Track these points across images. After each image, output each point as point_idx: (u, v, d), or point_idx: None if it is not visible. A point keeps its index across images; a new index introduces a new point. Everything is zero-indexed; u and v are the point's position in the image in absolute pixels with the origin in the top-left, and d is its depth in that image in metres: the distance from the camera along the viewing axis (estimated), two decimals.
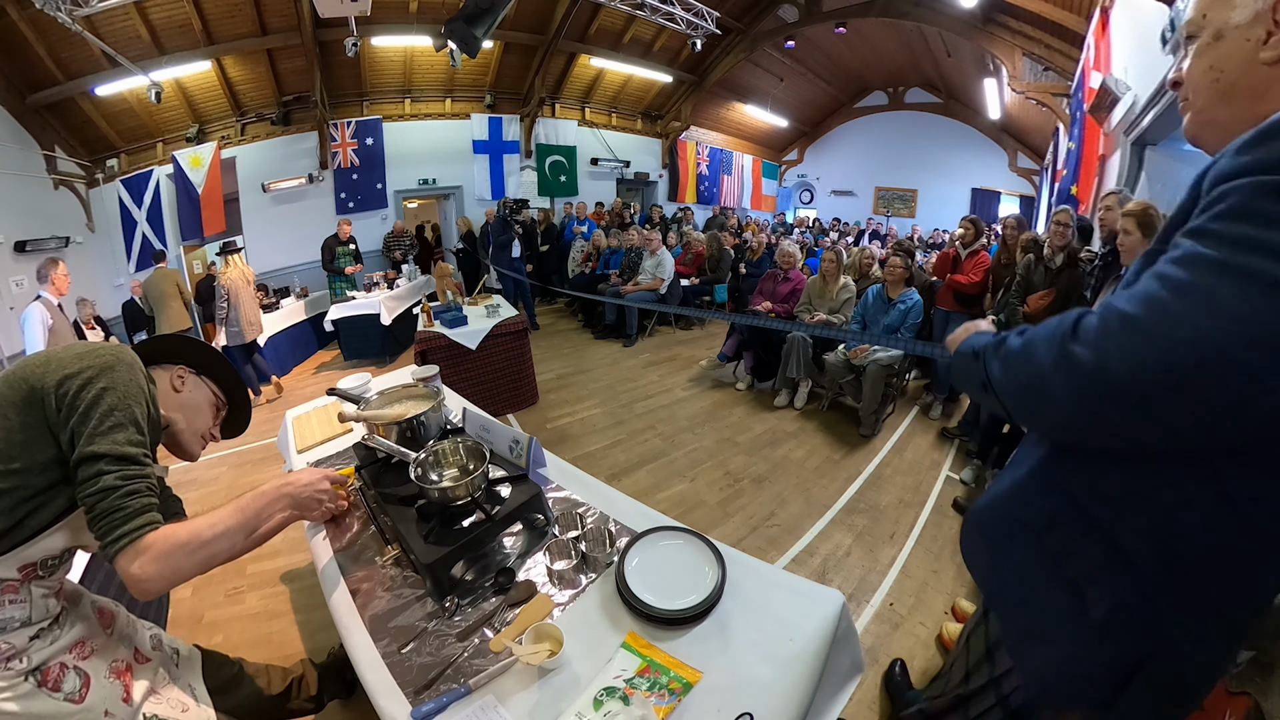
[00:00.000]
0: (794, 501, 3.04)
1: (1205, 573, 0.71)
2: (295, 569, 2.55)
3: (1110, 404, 0.63)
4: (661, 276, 6.15)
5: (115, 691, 1.06)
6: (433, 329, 4.08)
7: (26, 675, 0.94)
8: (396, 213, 8.59)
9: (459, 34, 4.97)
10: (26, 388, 0.93)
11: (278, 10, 6.25)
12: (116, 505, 0.90)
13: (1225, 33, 0.70)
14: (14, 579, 0.95)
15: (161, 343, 1.28)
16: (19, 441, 0.91)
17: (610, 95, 10.32)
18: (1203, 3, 0.73)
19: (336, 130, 7.81)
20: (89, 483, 0.90)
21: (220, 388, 1.34)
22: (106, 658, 1.10)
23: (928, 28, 8.23)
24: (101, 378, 0.95)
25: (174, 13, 5.79)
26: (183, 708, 1.21)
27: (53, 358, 0.98)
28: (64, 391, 0.93)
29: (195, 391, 1.26)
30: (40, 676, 0.96)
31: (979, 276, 3.89)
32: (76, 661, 1.03)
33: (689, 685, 0.98)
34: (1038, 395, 0.71)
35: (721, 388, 4.80)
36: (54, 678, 0.98)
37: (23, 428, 0.91)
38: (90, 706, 1.01)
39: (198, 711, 1.25)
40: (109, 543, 0.90)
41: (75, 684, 1.00)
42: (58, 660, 1.00)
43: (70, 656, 1.03)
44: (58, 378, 0.94)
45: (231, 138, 7.23)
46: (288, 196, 7.69)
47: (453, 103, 8.75)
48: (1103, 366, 0.63)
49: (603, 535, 1.33)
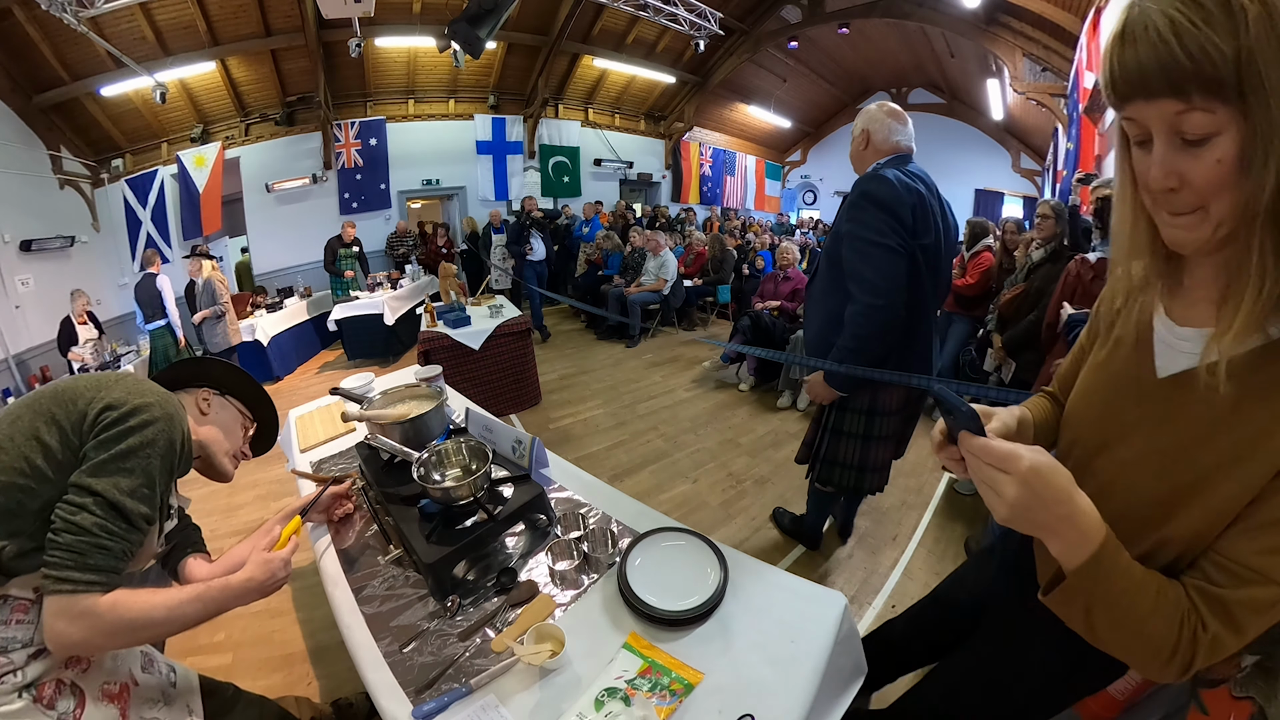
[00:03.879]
0: (797, 503, 3.03)
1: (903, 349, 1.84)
2: (297, 568, 2.53)
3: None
4: (664, 278, 6.15)
5: (109, 713, 1.01)
6: (436, 329, 4.09)
7: (20, 691, 0.90)
8: (400, 213, 8.60)
9: (462, 35, 4.98)
10: (76, 410, 0.92)
11: (282, 11, 6.27)
12: (80, 548, 0.86)
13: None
14: (27, 598, 0.92)
15: (184, 367, 1.27)
16: (58, 462, 0.90)
17: (614, 96, 10.33)
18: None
19: (340, 131, 7.83)
20: (70, 509, 0.87)
21: (246, 405, 1.33)
22: (99, 678, 1.04)
23: (930, 28, 8.21)
24: (138, 417, 0.94)
25: (179, 14, 5.82)
26: None
27: (105, 382, 0.97)
28: (103, 419, 0.92)
29: (222, 412, 1.26)
30: (35, 692, 0.92)
31: (977, 278, 3.89)
32: (73, 677, 0.98)
33: (690, 686, 0.98)
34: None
35: (724, 389, 4.80)
36: (49, 695, 0.93)
37: (63, 448, 0.91)
38: None
39: None
40: (54, 578, 0.85)
41: (69, 705, 0.95)
42: (53, 676, 0.95)
43: (67, 672, 0.98)
44: (104, 403, 0.93)
45: (236, 138, 7.26)
46: (291, 197, 7.72)
47: (456, 103, 8.76)
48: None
49: (605, 536, 1.33)
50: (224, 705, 1.34)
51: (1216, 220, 0.55)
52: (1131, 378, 0.72)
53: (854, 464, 2.02)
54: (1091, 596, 0.61)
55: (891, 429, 2.00)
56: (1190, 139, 0.53)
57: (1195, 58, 0.48)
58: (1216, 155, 0.51)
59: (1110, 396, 0.76)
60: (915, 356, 1.89)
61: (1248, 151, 0.50)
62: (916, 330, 1.85)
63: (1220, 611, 0.58)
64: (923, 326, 1.89)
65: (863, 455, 2.00)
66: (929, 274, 1.79)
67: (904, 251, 1.68)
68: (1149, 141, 0.57)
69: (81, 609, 0.85)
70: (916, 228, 1.70)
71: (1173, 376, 0.67)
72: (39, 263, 5.76)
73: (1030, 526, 0.61)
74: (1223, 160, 0.51)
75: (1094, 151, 4.64)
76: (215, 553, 1.37)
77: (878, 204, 1.69)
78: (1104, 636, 0.64)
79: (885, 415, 1.96)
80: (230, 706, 1.35)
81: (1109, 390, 0.76)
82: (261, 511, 3.14)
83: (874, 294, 1.71)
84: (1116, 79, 0.55)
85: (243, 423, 1.30)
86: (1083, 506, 0.60)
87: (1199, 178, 0.53)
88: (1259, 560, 0.57)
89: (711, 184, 12.31)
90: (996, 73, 8.43)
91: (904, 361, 1.85)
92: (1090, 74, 4.22)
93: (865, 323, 1.74)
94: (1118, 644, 0.64)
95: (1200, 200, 0.55)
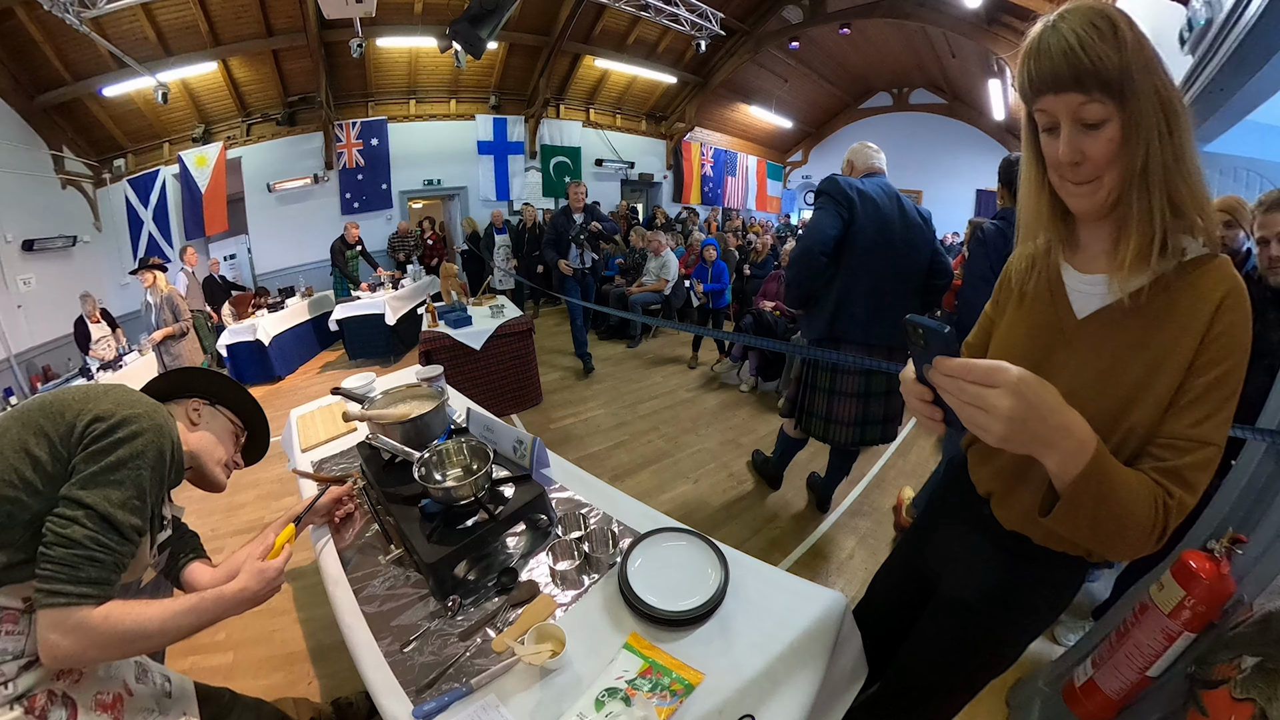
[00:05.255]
0: (797, 503, 3.04)
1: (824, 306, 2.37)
2: (298, 567, 2.55)
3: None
4: (666, 278, 6.15)
5: None
6: (437, 329, 4.09)
7: (11, 703, 0.89)
8: (401, 213, 8.61)
9: (464, 35, 4.98)
10: (64, 422, 0.92)
11: (283, 11, 6.28)
12: (73, 561, 0.85)
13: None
14: (15, 608, 0.91)
15: (172, 378, 1.26)
16: (47, 474, 0.90)
17: (615, 96, 10.33)
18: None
19: (342, 131, 7.84)
20: (61, 522, 0.86)
21: (237, 414, 1.32)
22: (92, 688, 1.01)
23: (932, 28, 8.21)
24: (126, 429, 0.93)
25: (180, 14, 5.83)
26: None
27: (93, 394, 0.97)
28: (91, 430, 0.91)
29: (212, 422, 1.25)
30: (27, 704, 0.90)
31: None
32: (65, 688, 0.96)
33: (691, 687, 0.98)
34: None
35: (726, 389, 4.80)
36: (41, 706, 0.91)
37: (52, 460, 0.90)
38: None
39: None
40: (46, 591, 0.84)
41: (61, 715, 0.93)
42: (45, 687, 0.93)
43: (59, 683, 0.96)
44: (92, 415, 0.93)
45: (237, 138, 7.27)
46: (293, 197, 7.73)
47: (457, 104, 8.77)
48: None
49: (605, 536, 1.33)
50: (220, 711, 1.33)
51: (1109, 188, 0.73)
52: (1054, 325, 0.86)
53: (823, 414, 2.51)
54: (1097, 498, 0.67)
55: (854, 387, 2.45)
56: (1089, 124, 0.70)
57: (1095, 63, 0.66)
58: (1108, 135, 0.69)
59: (1035, 345, 0.87)
60: (851, 318, 2.35)
61: (1128, 133, 0.68)
62: (853, 292, 2.33)
63: (1177, 479, 0.71)
64: (863, 292, 2.33)
65: (829, 407, 2.49)
66: (873, 251, 2.28)
67: (834, 213, 2.24)
68: (1056, 128, 0.73)
69: (74, 622, 0.85)
70: (855, 206, 2.25)
71: (1091, 315, 0.81)
72: (41, 262, 5.78)
73: (1028, 440, 0.65)
74: (1112, 139, 0.69)
75: None
76: (216, 553, 1.38)
77: (823, 189, 2.33)
78: (1105, 531, 0.70)
79: (847, 374, 2.43)
80: (227, 712, 1.34)
81: (1032, 340, 0.88)
82: (262, 511, 3.15)
83: (804, 239, 2.39)
84: (1033, 78, 0.71)
85: (234, 432, 1.30)
86: (1074, 414, 0.66)
87: (1096, 153, 0.70)
88: (1194, 431, 0.72)
89: (713, 184, 12.31)
90: (998, 73, 8.42)
91: (842, 317, 2.36)
92: None
93: (794, 259, 2.41)
94: (1115, 535, 0.70)
95: (1097, 171, 0.72)
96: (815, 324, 2.44)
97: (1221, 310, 0.71)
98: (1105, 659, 1.45)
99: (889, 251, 2.31)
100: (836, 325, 2.37)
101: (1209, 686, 1.09)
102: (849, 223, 2.25)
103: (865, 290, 2.34)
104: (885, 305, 2.34)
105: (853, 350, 2.38)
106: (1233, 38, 2.13)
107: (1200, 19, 2.35)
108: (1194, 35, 2.46)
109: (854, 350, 2.37)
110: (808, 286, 2.40)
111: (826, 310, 2.36)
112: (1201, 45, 2.41)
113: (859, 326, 2.36)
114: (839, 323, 2.36)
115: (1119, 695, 1.41)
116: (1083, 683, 1.50)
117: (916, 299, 2.50)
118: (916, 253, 2.40)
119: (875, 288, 2.33)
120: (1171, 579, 1.29)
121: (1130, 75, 0.66)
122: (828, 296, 2.37)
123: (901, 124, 12.45)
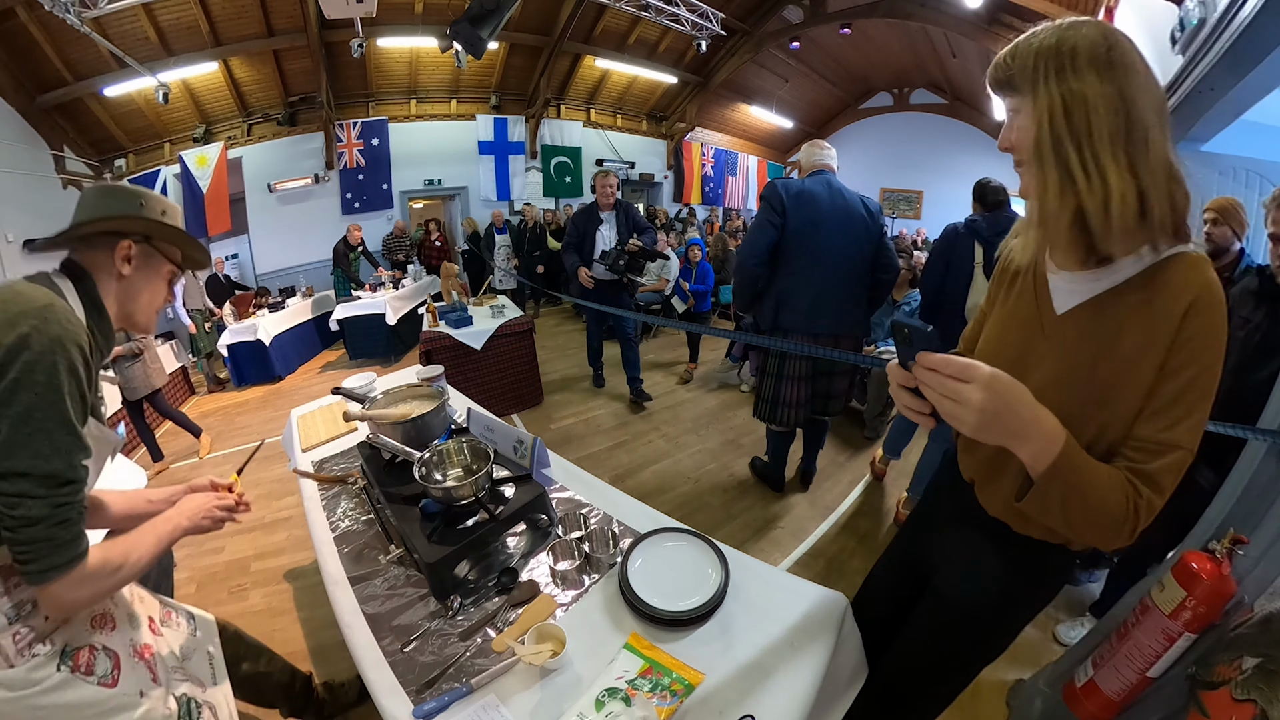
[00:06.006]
0: (798, 504, 3.03)
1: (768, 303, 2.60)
2: (299, 567, 2.56)
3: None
4: (666, 278, 6.15)
5: (141, 674, 1.02)
6: (438, 329, 4.09)
7: (57, 662, 0.89)
8: (402, 213, 8.61)
9: (464, 35, 4.98)
10: None
11: (284, 11, 6.28)
12: (45, 535, 0.81)
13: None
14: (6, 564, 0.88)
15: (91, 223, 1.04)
16: None
17: (615, 96, 10.32)
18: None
19: (342, 131, 7.84)
20: (8, 502, 0.79)
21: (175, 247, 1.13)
22: (125, 635, 1.05)
23: (933, 29, 8.20)
24: (15, 365, 0.78)
25: (181, 14, 5.83)
26: (199, 683, 1.19)
27: None
28: None
29: (144, 267, 1.07)
30: (72, 662, 0.91)
31: None
32: (104, 640, 0.98)
33: (691, 687, 0.98)
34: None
35: (726, 389, 4.80)
36: (85, 662, 0.92)
37: None
38: (125, 691, 0.96)
39: (215, 691, 1.23)
40: (36, 572, 0.81)
41: (106, 666, 0.95)
42: (85, 642, 0.95)
43: (98, 636, 0.98)
44: None
45: (238, 138, 7.27)
46: (294, 197, 7.72)
47: (458, 104, 8.77)
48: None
49: (606, 536, 1.33)
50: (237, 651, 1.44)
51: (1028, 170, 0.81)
52: (1036, 320, 0.89)
53: (769, 398, 2.71)
54: (1065, 488, 0.73)
55: (800, 371, 2.62)
56: (1011, 113, 0.80)
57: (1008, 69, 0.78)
58: (1019, 123, 0.78)
59: (1019, 335, 0.91)
60: (793, 310, 2.54)
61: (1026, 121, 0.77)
62: (793, 288, 2.52)
63: (1148, 480, 0.74)
64: (802, 287, 2.51)
65: (776, 390, 2.67)
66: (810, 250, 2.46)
67: (770, 225, 2.47)
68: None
69: (78, 579, 0.85)
70: (789, 211, 2.44)
71: (1069, 311, 0.84)
72: (42, 262, 5.76)
73: (1000, 432, 0.71)
74: (1023, 126, 0.78)
75: None
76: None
77: (763, 195, 2.55)
78: (1075, 520, 0.75)
79: (793, 359, 2.60)
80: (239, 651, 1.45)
81: (1017, 331, 0.92)
82: (263, 511, 3.15)
83: (739, 252, 2.78)
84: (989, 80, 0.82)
85: (169, 273, 1.13)
86: (1044, 410, 0.72)
87: (1015, 139, 0.80)
88: (1163, 435, 0.74)
89: (713, 184, 12.30)
90: None
91: (784, 311, 2.55)
92: None
93: (734, 270, 2.75)
94: (1086, 523, 0.75)
95: (1019, 155, 0.80)
96: (763, 319, 2.65)
97: (1189, 315, 0.73)
98: (1106, 659, 1.45)
99: (827, 248, 2.47)
100: (780, 318, 2.56)
101: (1210, 687, 1.09)
102: (783, 226, 2.45)
103: (803, 285, 2.50)
104: (826, 298, 2.51)
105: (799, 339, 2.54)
106: (1225, 37, 2.12)
107: (1193, 19, 2.36)
108: (1185, 35, 2.46)
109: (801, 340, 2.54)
110: (750, 293, 2.65)
111: (770, 306, 2.57)
112: (1193, 45, 2.40)
113: (800, 318, 2.53)
114: (781, 316, 2.56)
115: (1119, 696, 1.40)
116: (1083, 683, 1.50)
117: (860, 291, 2.62)
118: (857, 247, 2.52)
119: (813, 282, 2.49)
120: (1173, 580, 1.29)
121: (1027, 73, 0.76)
122: (770, 294, 2.58)
123: (902, 124, 12.43)
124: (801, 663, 1.02)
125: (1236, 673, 1.01)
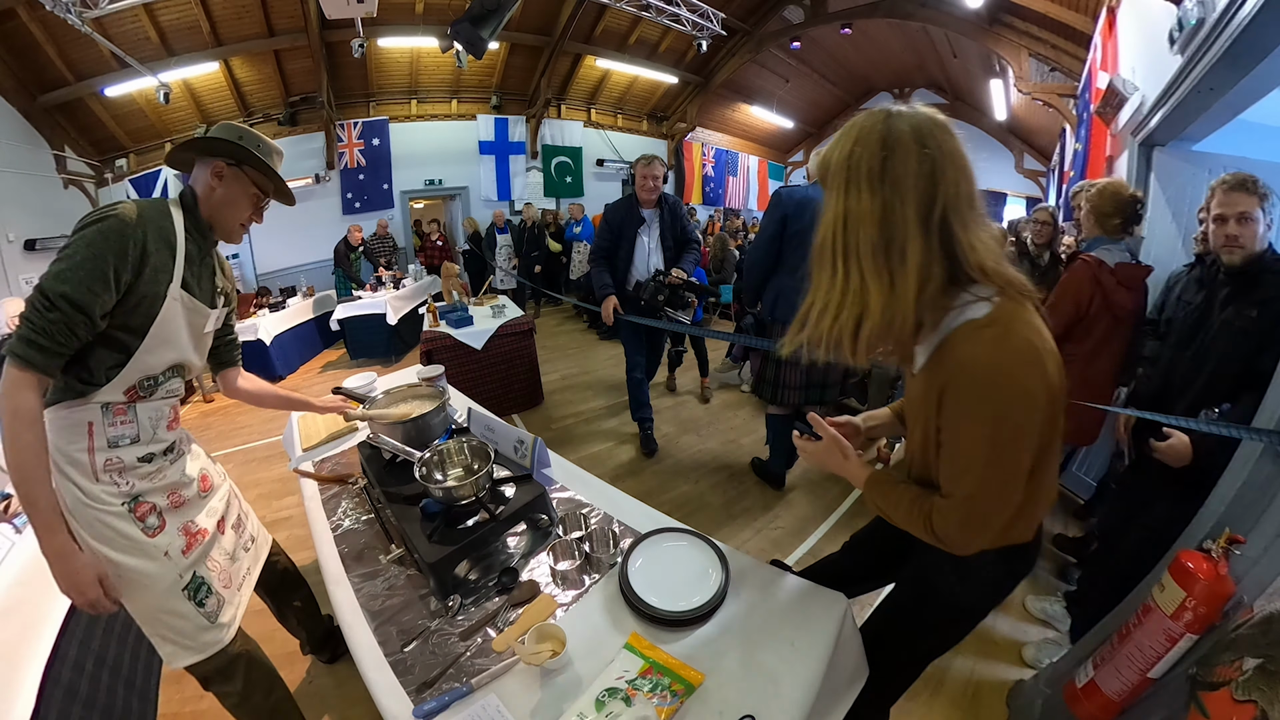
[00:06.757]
0: (798, 504, 3.04)
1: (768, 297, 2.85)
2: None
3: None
4: None
5: (179, 542, 1.28)
6: (439, 329, 4.10)
7: (126, 502, 1.20)
8: (403, 213, 8.60)
9: (465, 35, 4.98)
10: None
11: (285, 12, 6.28)
12: (20, 331, 1.04)
13: None
14: (121, 401, 1.19)
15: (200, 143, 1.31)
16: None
17: (616, 96, 10.32)
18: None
19: (343, 131, 7.84)
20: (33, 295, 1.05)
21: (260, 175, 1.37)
22: (186, 515, 1.32)
23: (934, 29, 8.19)
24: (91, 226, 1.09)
25: (182, 14, 5.83)
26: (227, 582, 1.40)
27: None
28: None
29: (234, 184, 1.32)
30: (134, 505, 1.21)
31: None
32: (166, 507, 1.27)
33: (691, 687, 0.98)
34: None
35: (727, 389, 4.79)
36: (143, 512, 1.23)
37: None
38: (157, 544, 1.23)
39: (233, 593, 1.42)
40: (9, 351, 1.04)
41: (154, 523, 1.24)
42: (151, 500, 1.25)
43: (165, 501, 1.28)
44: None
45: None
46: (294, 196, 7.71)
47: (459, 104, 8.77)
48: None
49: (606, 536, 1.33)
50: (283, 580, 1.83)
51: None
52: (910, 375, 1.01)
53: (770, 379, 2.88)
54: (876, 499, 1.04)
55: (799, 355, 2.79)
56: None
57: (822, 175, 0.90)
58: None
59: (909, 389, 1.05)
60: (789, 306, 2.68)
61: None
62: (788, 285, 2.72)
63: (934, 510, 0.92)
64: (796, 284, 2.59)
65: (776, 373, 2.85)
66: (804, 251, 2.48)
67: (771, 229, 2.71)
68: None
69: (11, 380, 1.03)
70: (789, 218, 2.65)
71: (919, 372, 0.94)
72: (43, 262, 5.75)
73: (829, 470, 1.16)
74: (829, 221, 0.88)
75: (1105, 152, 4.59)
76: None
77: (769, 206, 2.79)
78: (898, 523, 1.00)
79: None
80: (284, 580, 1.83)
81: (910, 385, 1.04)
82: (263, 511, 3.15)
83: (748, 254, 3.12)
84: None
85: (254, 196, 1.37)
86: (852, 462, 1.10)
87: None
88: (944, 483, 0.91)
89: (714, 184, 12.29)
90: (1000, 73, 8.40)
91: (780, 305, 2.77)
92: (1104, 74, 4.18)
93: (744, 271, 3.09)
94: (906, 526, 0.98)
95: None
96: (763, 310, 2.93)
97: (944, 396, 0.85)
98: (1106, 660, 1.45)
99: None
100: (778, 311, 2.80)
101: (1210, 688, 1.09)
102: (782, 230, 2.69)
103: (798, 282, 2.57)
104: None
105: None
106: (1225, 36, 2.11)
107: (1192, 18, 2.35)
108: (1184, 35, 2.45)
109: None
110: (756, 291, 2.94)
111: (769, 300, 2.84)
112: (1191, 45, 2.39)
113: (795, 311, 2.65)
114: (779, 309, 2.80)
115: (1120, 696, 1.40)
116: (1084, 684, 1.50)
117: None
118: None
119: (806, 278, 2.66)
120: (1172, 580, 1.29)
121: (829, 182, 0.87)
122: (770, 289, 2.84)
123: None
124: (801, 663, 1.03)
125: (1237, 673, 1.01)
